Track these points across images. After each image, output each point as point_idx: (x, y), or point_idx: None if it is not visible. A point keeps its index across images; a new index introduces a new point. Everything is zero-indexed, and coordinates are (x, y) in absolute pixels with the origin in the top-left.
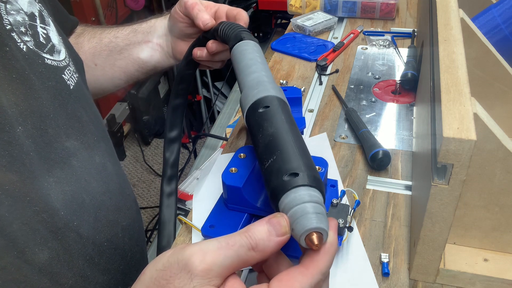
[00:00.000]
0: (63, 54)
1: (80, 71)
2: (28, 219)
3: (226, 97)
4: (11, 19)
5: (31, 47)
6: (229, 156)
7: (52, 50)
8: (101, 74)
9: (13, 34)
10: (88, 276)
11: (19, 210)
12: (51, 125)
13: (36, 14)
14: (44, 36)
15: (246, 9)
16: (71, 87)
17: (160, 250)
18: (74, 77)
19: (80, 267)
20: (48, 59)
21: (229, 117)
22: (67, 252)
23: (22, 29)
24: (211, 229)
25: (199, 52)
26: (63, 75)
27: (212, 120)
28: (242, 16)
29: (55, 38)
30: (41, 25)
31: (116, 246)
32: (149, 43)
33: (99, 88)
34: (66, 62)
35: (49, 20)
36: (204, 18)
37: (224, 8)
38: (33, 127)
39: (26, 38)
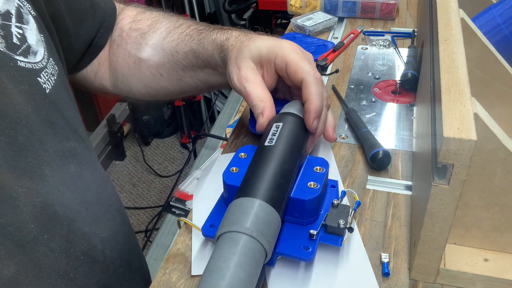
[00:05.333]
0: (40, 55)
1: (61, 72)
2: None
3: (226, 97)
4: None
5: (2, 49)
6: (229, 156)
7: (27, 52)
8: (169, 84)
9: None
10: None
11: None
12: (22, 131)
13: (13, 12)
14: (19, 36)
15: (246, 9)
16: (47, 91)
17: None
18: (51, 80)
19: (53, 282)
20: (21, 61)
21: (229, 117)
22: (36, 267)
23: None
24: (212, 228)
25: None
26: (38, 78)
27: (212, 120)
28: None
29: (32, 37)
30: (17, 24)
31: (94, 259)
32: (212, 70)
33: (168, 95)
34: (43, 64)
35: (28, 17)
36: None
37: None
38: (2, 134)
39: None
